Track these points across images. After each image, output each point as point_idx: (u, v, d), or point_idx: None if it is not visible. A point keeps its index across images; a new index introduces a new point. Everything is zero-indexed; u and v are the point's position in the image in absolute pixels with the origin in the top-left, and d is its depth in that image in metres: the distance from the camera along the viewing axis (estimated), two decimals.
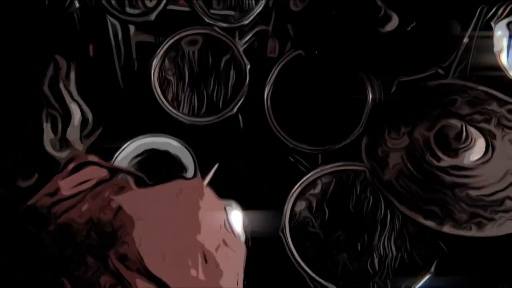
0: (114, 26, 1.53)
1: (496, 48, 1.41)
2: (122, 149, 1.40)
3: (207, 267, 1.05)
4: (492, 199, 1.22)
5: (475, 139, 1.28)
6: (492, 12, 1.42)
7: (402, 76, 1.45)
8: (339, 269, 1.26)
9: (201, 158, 1.41)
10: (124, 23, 1.53)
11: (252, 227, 1.30)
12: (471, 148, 1.27)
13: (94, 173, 1.14)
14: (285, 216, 1.31)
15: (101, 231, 1.03)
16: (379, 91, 1.43)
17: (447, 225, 1.20)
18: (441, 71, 1.46)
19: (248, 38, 1.55)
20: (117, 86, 1.58)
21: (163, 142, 1.43)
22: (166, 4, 1.49)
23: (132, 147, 1.41)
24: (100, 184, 1.11)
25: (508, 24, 1.43)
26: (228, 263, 1.09)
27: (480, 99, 1.37)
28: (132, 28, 1.55)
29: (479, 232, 1.19)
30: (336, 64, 1.44)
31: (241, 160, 1.53)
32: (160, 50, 1.47)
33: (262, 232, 1.30)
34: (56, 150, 1.37)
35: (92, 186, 1.11)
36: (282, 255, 1.28)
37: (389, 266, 1.26)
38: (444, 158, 1.27)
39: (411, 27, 1.34)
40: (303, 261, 1.27)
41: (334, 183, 1.35)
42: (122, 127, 1.49)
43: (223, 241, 1.12)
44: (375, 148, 1.34)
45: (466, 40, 1.44)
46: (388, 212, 1.30)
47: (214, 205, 1.16)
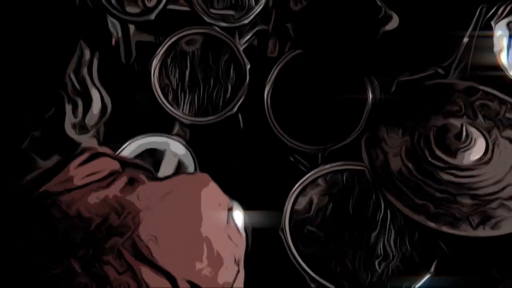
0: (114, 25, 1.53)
1: (496, 48, 1.41)
2: (122, 149, 1.40)
3: (211, 259, 1.06)
4: (492, 198, 1.22)
5: (475, 139, 1.28)
6: (492, 12, 1.43)
7: (402, 76, 1.45)
8: (339, 269, 1.26)
9: (201, 158, 1.41)
10: (124, 23, 1.53)
11: (252, 227, 1.30)
12: (471, 148, 1.27)
13: (106, 164, 1.15)
14: (285, 215, 1.31)
15: (110, 222, 1.04)
16: (379, 91, 1.43)
17: (447, 225, 1.21)
18: (441, 71, 1.46)
19: (248, 37, 1.55)
20: (117, 84, 1.58)
21: (163, 142, 1.43)
22: (166, 4, 1.49)
23: (132, 147, 1.41)
24: (111, 175, 1.12)
25: (508, 23, 1.43)
26: (231, 257, 1.11)
27: (480, 99, 1.37)
28: (132, 28, 1.55)
29: (479, 232, 1.19)
30: (336, 64, 1.44)
31: (241, 160, 1.53)
32: (160, 50, 1.47)
33: (262, 232, 1.30)
34: (76, 134, 1.41)
35: (104, 177, 1.12)
36: (282, 255, 1.28)
37: (389, 266, 1.26)
38: (444, 158, 1.27)
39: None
40: (303, 260, 1.27)
41: (334, 183, 1.35)
42: (122, 127, 1.49)
43: (227, 234, 1.13)
44: (375, 148, 1.34)
45: (466, 39, 1.44)
46: (388, 212, 1.30)
47: (219, 199, 1.17)
